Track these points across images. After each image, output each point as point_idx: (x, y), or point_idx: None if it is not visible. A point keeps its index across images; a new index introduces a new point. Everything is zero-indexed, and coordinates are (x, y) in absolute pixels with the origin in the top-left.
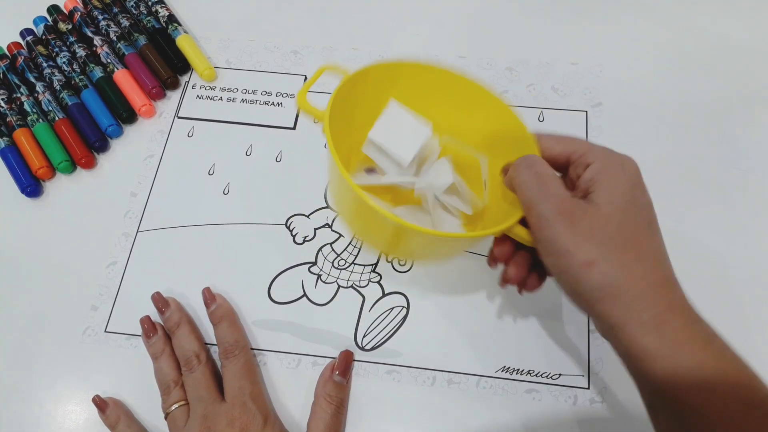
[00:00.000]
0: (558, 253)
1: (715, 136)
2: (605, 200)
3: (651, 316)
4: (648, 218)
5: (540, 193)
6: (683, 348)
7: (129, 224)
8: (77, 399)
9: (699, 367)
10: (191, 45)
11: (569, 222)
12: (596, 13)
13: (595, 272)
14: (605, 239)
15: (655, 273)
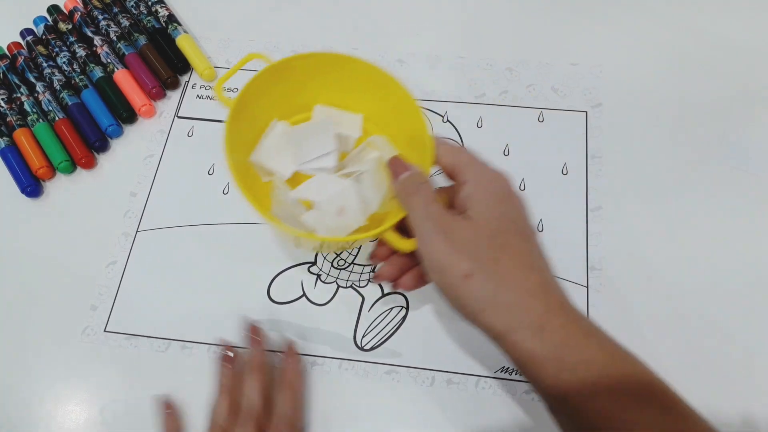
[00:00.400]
0: (439, 269)
1: (715, 136)
2: (477, 215)
3: (530, 321)
4: (520, 227)
5: (424, 215)
6: (565, 347)
7: (129, 224)
8: (77, 399)
9: (583, 363)
10: (191, 45)
11: (448, 239)
12: (596, 14)
13: (472, 284)
14: (479, 252)
15: (530, 279)
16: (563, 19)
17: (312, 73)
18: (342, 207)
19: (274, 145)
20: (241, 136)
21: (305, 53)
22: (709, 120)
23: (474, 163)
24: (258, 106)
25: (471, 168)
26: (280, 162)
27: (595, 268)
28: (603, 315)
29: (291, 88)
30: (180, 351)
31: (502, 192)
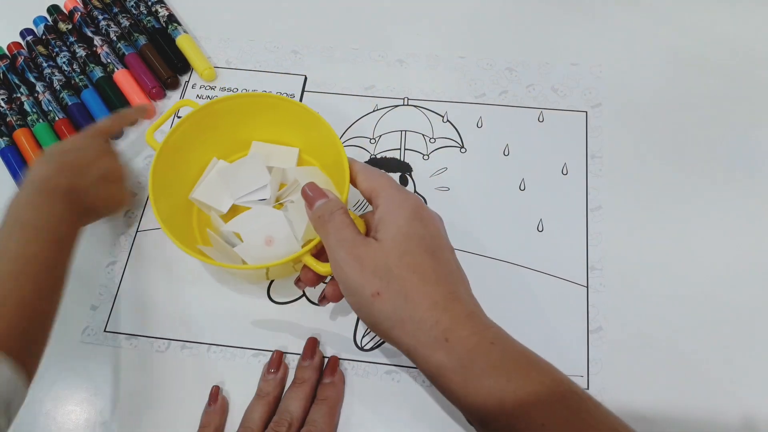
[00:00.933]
0: (352, 290)
1: (715, 136)
2: (385, 237)
3: (436, 334)
4: (428, 245)
5: (337, 240)
6: (470, 357)
7: (129, 224)
8: (77, 399)
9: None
10: (191, 45)
11: (358, 261)
12: (596, 14)
13: (381, 303)
14: (387, 271)
15: (436, 293)
16: (563, 19)
17: (246, 112)
18: (270, 237)
19: (213, 182)
20: (178, 176)
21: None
22: (709, 120)
23: (387, 187)
24: (194, 148)
25: (384, 192)
26: (217, 197)
27: (595, 268)
28: (603, 315)
29: (227, 129)
30: (180, 351)
31: (411, 213)
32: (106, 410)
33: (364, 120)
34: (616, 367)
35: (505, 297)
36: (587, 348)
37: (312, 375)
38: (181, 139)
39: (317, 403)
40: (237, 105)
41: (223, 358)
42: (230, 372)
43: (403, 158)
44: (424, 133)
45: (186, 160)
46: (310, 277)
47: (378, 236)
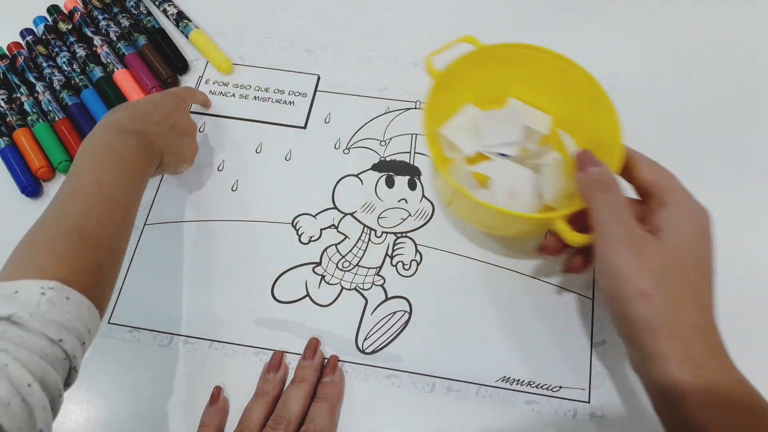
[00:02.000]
0: (616, 276)
1: (723, 141)
2: (671, 242)
3: (688, 355)
4: (704, 267)
5: (613, 217)
6: (715, 388)
7: (137, 216)
8: (77, 399)
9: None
10: (205, 39)
11: (634, 251)
12: (610, 21)
13: (646, 304)
14: (663, 276)
15: (699, 317)
16: (576, 26)
17: (509, 63)
18: (514, 191)
19: (463, 125)
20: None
21: (510, 43)
22: (716, 124)
23: (680, 189)
24: (454, 87)
25: (677, 194)
26: (465, 140)
27: None
28: (608, 328)
29: (486, 78)
30: (182, 346)
31: (701, 228)
32: (106, 402)
33: (376, 122)
34: (619, 381)
35: (510, 306)
36: (590, 361)
37: (312, 374)
38: (453, 74)
39: (317, 402)
40: (515, 54)
41: (225, 355)
42: (231, 369)
43: (412, 162)
44: None
45: (447, 96)
46: (555, 244)
47: (662, 237)
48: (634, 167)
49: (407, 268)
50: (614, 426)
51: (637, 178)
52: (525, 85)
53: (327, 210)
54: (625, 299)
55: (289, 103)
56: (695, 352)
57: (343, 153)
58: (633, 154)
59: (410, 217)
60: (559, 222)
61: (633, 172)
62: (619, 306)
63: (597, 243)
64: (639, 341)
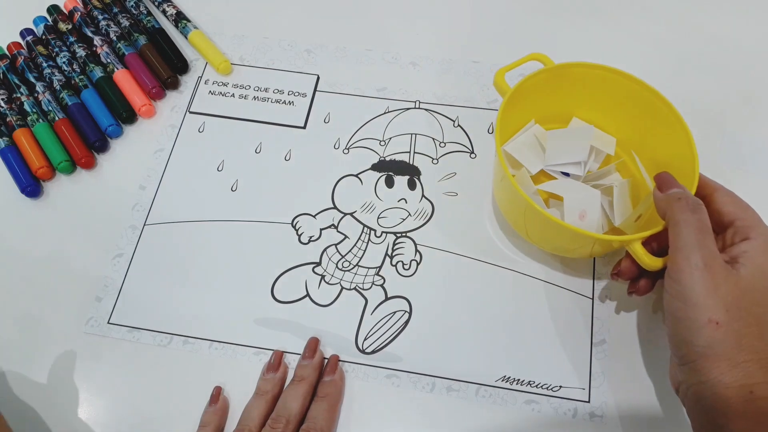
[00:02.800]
0: (688, 300)
1: (722, 140)
2: (750, 276)
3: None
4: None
5: (698, 240)
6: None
7: (137, 217)
8: (77, 399)
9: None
10: (204, 40)
11: (712, 279)
12: (611, 22)
13: (714, 332)
14: (737, 308)
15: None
16: (578, 27)
17: (575, 82)
18: (584, 212)
19: (527, 143)
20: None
21: (579, 62)
22: (716, 124)
23: (762, 225)
24: (520, 104)
25: (759, 229)
26: (529, 158)
27: (601, 279)
28: (608, 327)
29: (552, 96)
30: (182, 346)
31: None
32: (106, 403)
33: (375, 121)
34: (617, 381)
35: (510, 306)
36: (590, 360)
37: (312, 373)
38: (522, 91)
39: (317, 401)
40: (583, 73)
41: (225, 355)
42: (231, 369)
43: (412, 161)
44: (434, 137)
45: (513, 113)
46: (630, 268)
47: (740, 269)
48: (713, 196)
49: (407, 268)
50: (614, 426)
51: (716, 209)
52: (590, 104)
53: (327, 210)
54: (693, 324)
55: (288, 103)
56: (753, 382)
57: (343, 153)
58: (710, 182)
59: (410, 217)
60: (636, 245)
61: (711, 202)
62: (683, 329)
63: (676, 264)
64: (698, 366)
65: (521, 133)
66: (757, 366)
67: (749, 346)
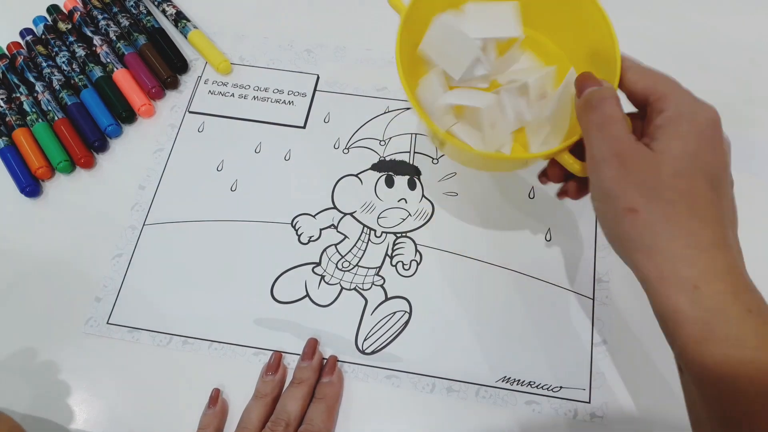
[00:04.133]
0: (604, 196)
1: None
2: (665, 149)
3: (686, 277)
4: (711, 174)
5: (600, 134)
6: (717, 316)
7: (136, 217)
8: (77, 399)
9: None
10: (204, 39)
11: (621, 166)
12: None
13: (635, 221)
14: (653, 190)
15: (703, 230)
16: None
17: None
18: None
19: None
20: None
21: None
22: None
23: (679, 91)
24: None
25: (674, 96)
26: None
27: (602, 280)
28: (609, 327)
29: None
30: (181, 346)
31: (703, 130)
32: (105, 403)
33: (375, 121)
34: (619, 381)
35: (510, 305)
36: (591, 361)
37: (311, 375)
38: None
39: (315, 402)
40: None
41: (224, 355)
42: (230, 370)
43: (412, 161)
44: None
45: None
46: (557, 173)
47: (654, 145)
48: (624, 77)
49: (407, 268)
50: (615, 426)
51: (628, 90)
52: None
53: (326, 210)
54: (615, 219)
55: (288, 102)
56: (695, 273)
57: (343, 153)
58: (626, 62)
59: (410, 217)
60: (564, 155)
61: (624, 83)
62: (610, 226)
63: (588, 165)
64: (633, 262)
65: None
66: (696, 252)
67: (682, 229)
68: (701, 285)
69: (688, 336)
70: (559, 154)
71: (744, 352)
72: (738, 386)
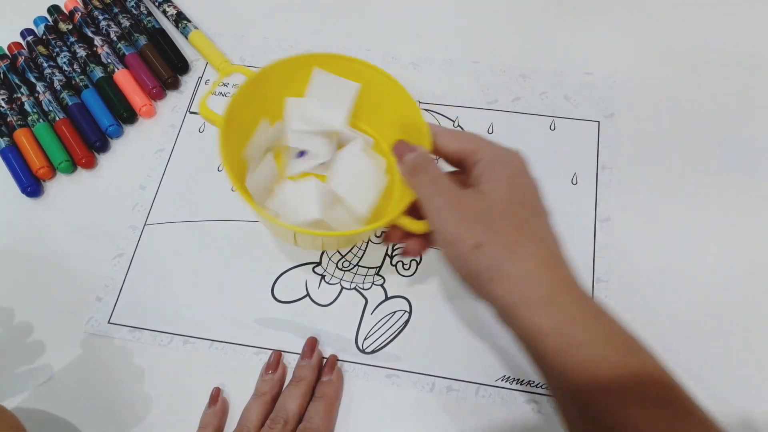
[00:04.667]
0: (450, 240)
1: (730, 151)
2: (490, 190)
3: (540, 296)
4: (532, 203)
5: (433, 189)
6: (572, 324)
7: (137, 217)
8: (77, 399)
9: (589, 343)
10: (204, 40)
11: (458, 211)
12: (611, 23)
13: (483, 254)
14: (491, 224)
15: (541, 253)
16: (578, 28)
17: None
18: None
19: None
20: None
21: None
22: (723, 134)
23: (486, 141)
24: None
25: (484, 149)
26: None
27: (601, 280)
28: None
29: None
30: (182, 346)
31: (516, 169)
32: (106, 403)
33: None
34: None
35: None
36: None
37: (310, 374)
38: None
39: (315, 401)
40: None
41: (225, 354)
42: (231, 369)
43: None
44: None
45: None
46: (398, 234)
47: (480, 189)
48: (438, 142)
49: (407, 267)
50: None
51: (444, 153)
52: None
53: None
54: (463, 258)
55: None
56: (545, 290)
57: None
58: (435, 129)
59: None
60: (402, 219)
61: (438, 148)
62: (462, 266)
63: (428, 218)
64: (489, 295)
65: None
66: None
67: (526, 252)
68: (554, 299)
69: (552, 349)
70: (398, 219)
71: (598, 354)
72: (598, 384)
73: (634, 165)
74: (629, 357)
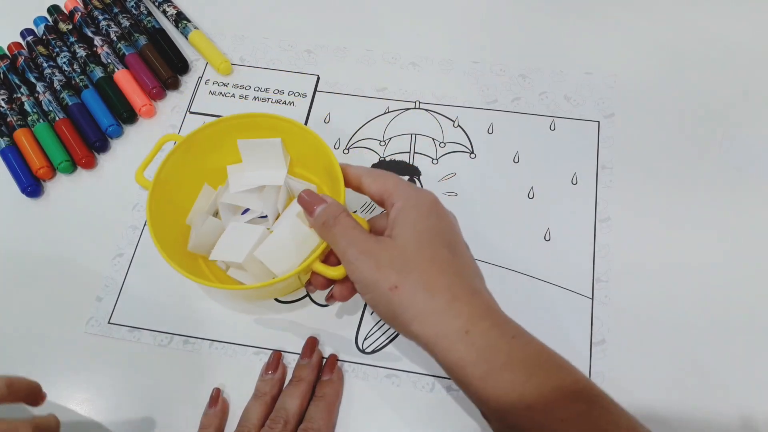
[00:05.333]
0: (369, 287)
1: (731, 152)
2: (401, 233)
3: (457, 326)
4: (446, 240)
5: (347, 241)
6: (490, 350)
7: (137, 217)
8: (77, 399)
9: (508, 365)
10: (204, 40)
11: (372, 257)
12: (611, 23)
13: (400, 295)
14: (404, 266)
15: (455, 284)
16: (578, 27)
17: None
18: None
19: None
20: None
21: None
22: (716, 125)
23: (400, 185)
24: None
25: (398, 191)
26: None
27: (601, 279)
28: (607, 328)
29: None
30: (182, 346)
31: (427, 209)
32: (106, 403)
33: (375, 122)
34: (618, 381)
35: (508, 305)
36: (590, 360)
37: (310, 374)
38: (172, 172)
39: (315, 401)
40: (218, 131)
41: (225, 354)
42: (231, 369)
43: (412, 162)
44: (434, 137)
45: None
46: (320, 281)
47: (393, 233)
48: (359, 182)
49: None
50: None
51: (368, 193)
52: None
53: None
54: (384, 302)
55: (288, 103)
56: (463, 321)
57: (343, 153)
58: (356, 171)
59: None
60: (316, 264)
61: (360, 188)
62: (383, 310)
63: (346, 268)
64: (413, 334)
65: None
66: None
67: (439, 288)
68: (470, 328)
69: (475, 377)
70: (314, 266)
71: (520, 375)
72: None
73: (634, 165)
74: (551, 374)
